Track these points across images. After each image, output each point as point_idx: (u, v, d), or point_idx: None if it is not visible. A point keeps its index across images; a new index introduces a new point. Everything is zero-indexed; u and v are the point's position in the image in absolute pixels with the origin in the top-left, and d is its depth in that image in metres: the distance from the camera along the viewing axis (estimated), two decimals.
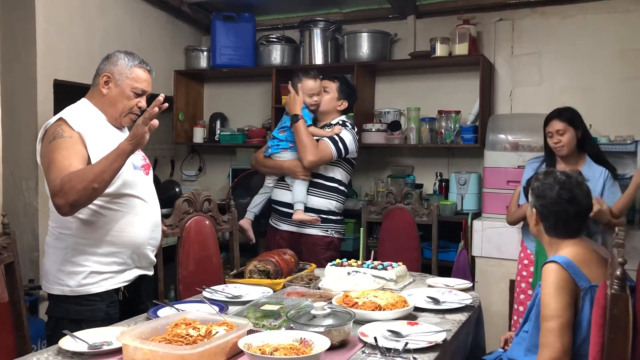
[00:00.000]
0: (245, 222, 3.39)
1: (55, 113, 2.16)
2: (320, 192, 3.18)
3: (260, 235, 3.57)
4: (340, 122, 3.23)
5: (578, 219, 1.92)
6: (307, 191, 3.16)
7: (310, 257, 3.04)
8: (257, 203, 3.40)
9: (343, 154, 3.15)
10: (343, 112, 3.34)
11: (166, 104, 1.94)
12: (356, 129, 3.31)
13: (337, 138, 3.12)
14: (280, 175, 3.29)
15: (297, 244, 3.15)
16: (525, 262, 3.07)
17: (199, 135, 4.67)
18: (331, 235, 3.20)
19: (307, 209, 3.14)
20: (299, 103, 3.16)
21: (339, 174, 3.23)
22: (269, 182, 3.35)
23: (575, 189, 1.90)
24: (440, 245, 3.50)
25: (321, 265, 2.84)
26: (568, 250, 1.86)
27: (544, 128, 3.00)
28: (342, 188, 3.25)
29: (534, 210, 1.96)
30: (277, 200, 3.25)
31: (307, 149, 3.07)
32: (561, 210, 1.90)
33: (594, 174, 2.88)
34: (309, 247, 3.14)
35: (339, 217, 3.25)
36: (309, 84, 3.18)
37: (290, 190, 3.18)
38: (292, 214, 3.14)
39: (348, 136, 3.16)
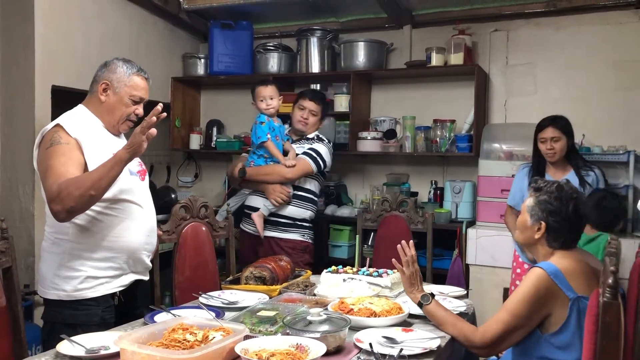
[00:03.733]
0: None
1: (53, 119, 2.17)
2: (297, 202, 3.28)
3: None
4: (316, 137, 3.37)
5: (581, 232, 1.97)
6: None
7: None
8: (233, 204, 3.50)
9: (322, 167, 3.30)
10: None
11: (164, 114, 1.95)
12: (331, 142, 3.48)
13: (314, 154, 3.26)
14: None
15: (275, 249, 3.22)
16: (518, 270, 3.10)
17: (195, 141, 4.69)
18: (307, 240, 3.34)
19: (284, 217, 3.26)
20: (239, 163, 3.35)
21: (313, 185, 3.36)
22: (246, 190, 3.42)
23: (583, 205, 1.94)
24: (434, 253, 3.52)
25: (298, 266, 2.96)
26: (559, 260, 1.88)
27: (535, 134, 3.04)
28: (315, 199, 3.40)
29: (543, 223, 1.94)
30: (254, 207, 3.29)
31: (285, 169, 3.19)
32: (572, 226, 1.92)
33: (592, 180, 3.01)
34: (288, 251, 3.21)
35: (310, 224, 3.38)
36: (259, 90, 3.27)
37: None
38: (270, 220, 3.25)
39: (324, 150, 3.31)
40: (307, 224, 3.34)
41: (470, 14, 4.03)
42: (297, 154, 3.27)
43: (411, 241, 2.17)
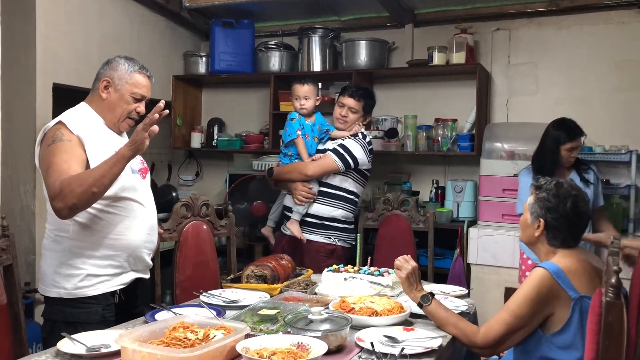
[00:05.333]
0: (266, 230, 3.47)
1: (54, 117, 2.16)
2: (323, 200, 3.15)
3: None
4: (351, 135, 3.19)
5: (582, 230, 1.95)
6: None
7: (312, 263, 3.00)
8: (274, 211, 3.45)
9: (352, 165, 3.11)
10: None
11: (167, 111, 1.94)
12: (369, 139, 3.24)
13: (342, 150, 3.11)
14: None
15: (300, 250, 3.15)
16: (523, 267, 3.09)
17: (196, 140, 4.69)
18: (334, 243, 3.16)
19: (309, 215, 3.15)
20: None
21: (347, 183, 3.17)
22: (283, 190, 3.36)
23: (585, 205, 1.93)
24: (436, 253, 3.51)
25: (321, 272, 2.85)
26: (561, 259, 1.87)
27: (562, 141, 2.98)
28: (350, 197, 3.19)
29: (541, 221, 1.95)
30: (286, 206, 3.27)
31: (306, 164, 3.13)
32: (572, 224, 1.91)
33: (593, 178, 3.07)
34: (312, 253, 3.12)
35: (344, 226, 3.19)
36: (296, 88, 3.21)
37: None
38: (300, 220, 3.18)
39: (356, 147, 3.12)
40: (337, 224, 3.16)
41: (472, 13, 4.02)
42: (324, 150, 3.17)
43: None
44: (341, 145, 3.13)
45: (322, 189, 3.16)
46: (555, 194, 1.93)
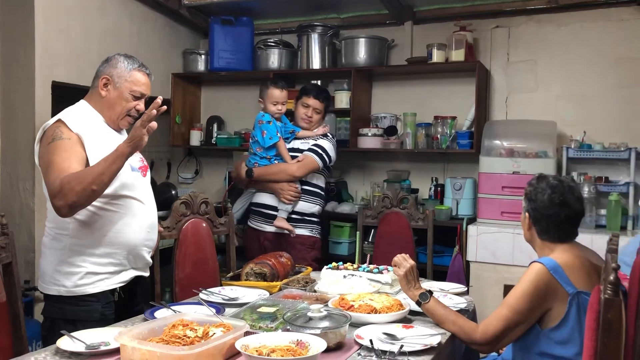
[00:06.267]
0: None
1: (53, 115, 2.16)
2: (305, 197, 3.30)
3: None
4: (321, 134, 3.37)
5: (569, 223, 1.94)
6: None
7: (297, 256, 3.10)
8: (238, 209, 3.49)
9: (328, 163, 3.32)
10: None
11: (164, 107, 1.95)
12: (334, 138, 3.48)
13: (319, 150, 3.27)
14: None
15: (284, 245, 3.22)
16: None
17: (195, 138, 4.68)
18: (315, 235, 3.35)
19: (293, 212, 3.27)
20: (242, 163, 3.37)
21: (320, 180, 3.38)
22: (252, 189, 3.43)
23: (567, 193, 1.93)
24: (435, 250, 3.52)
25: (306, 262, 3.05)
26: (558, 255, 1.88)
27: None
28: (322, 193, 3.42)
29: (527, 214, 1.99)
30: (261, 203, 3.32)
31: (292, 165, 3.23)
32: (553, 213, 1.92)
33: None
34: (296, 246, 3.22)
35: (319, 219, 3.41)
36: (275, 93, 3.26)
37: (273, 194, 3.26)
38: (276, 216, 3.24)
39: (329, 146, 3.32)
40: (315, 219, 3.36)
41: (472, 11, 4.02)
42: (302, 150, 3.29)
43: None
44: (317, 145, 3.30)
45: (302, 187, 3.30)
46: (536, 186, 1.97)
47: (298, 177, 3.24)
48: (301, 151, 3.29)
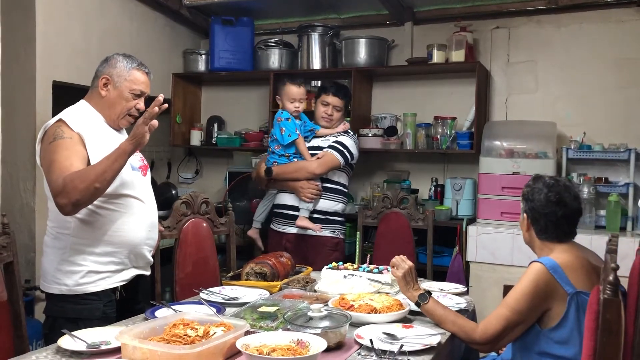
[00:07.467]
0: (253, 232, 3.45)
1: (54, 114, 2.17)
2: (327, 195, 3.23)
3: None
4: (342, 131, 3.32)
5: (567, 221, 1.94)
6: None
7: (317, 258, 3.05)
8: (261, 212, 3.42)
9: (350, 160, 3.25)
10: None
11: (166, 105, 1.97)
12: (356, 135, 3.38)
13: (340, 147, 3.20)
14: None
15: (305, 246, 3.18)
16: None
17: (196, 138, 4.69)
18: (338, 237, 3.27)
19: (315, 211, 3.20)
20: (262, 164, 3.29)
21: (342, 178, 3.31)
22: (273, 190, 3.36)
23: (563, 192, 1.93)
24: (435, 250, 3.52)
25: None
26: (558, 255, 1.89)
27: None
28: (345, 190, 3.34)
29: (525, 215, 1.99)
30: (282, 204, 3.27)
31: (312, 163, 3.17)
32: (550, 212, 1.92)
33: None
34: (317, 248, 3.17)
35: (342, 219, 3.33)
36: (293, 90, 3.22)
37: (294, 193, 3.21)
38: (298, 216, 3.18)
39: (351, 143, 3.26)
40: (338, 218, 3.29)
41: (472, 11, 4.02)
42: (323, 148, 3.23)
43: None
44: (338, 142, 3.23)
45: (324, 184, 3.23)
46: (532, 186, 1.98)
47: (318, 174, 3.17)
48: (322, 149, 3.22)
